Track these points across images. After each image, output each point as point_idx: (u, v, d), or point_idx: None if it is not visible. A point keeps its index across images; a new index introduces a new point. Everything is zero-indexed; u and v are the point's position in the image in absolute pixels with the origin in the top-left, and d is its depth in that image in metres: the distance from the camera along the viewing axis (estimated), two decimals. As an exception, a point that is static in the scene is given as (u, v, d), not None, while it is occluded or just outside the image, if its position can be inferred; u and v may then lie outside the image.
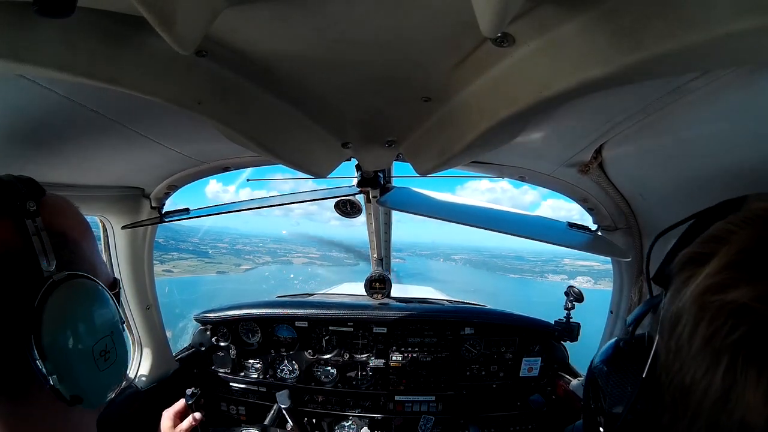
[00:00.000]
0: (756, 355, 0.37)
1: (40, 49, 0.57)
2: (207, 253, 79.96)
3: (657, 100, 0.76)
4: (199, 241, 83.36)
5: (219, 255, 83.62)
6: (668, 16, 0.46)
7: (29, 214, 0.50)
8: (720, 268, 0.42)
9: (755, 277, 0.39)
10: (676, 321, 0.44)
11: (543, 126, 1.00)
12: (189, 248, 74.48)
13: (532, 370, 1.98)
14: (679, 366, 0.43)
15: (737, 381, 0.38)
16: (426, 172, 1.10)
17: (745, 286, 0.39)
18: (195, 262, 70.46)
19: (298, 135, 0.97)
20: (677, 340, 0.44)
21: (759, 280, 0.39)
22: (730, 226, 0.45)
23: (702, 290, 0.42)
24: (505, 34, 0.59)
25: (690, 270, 0.46)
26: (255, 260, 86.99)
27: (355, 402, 2.00)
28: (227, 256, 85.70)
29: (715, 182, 0.90)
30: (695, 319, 0.42)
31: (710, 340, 0.40)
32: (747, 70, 0.62)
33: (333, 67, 0.72)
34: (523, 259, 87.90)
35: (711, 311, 0.41)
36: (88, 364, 0.52)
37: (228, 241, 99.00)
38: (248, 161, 1.47)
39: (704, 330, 0.41)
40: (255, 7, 0.56)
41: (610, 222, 1.42)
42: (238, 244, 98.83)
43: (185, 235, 78.86)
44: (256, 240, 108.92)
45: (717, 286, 0.41)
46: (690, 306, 0.43)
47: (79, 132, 0.97)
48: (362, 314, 1.98)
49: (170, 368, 1.87)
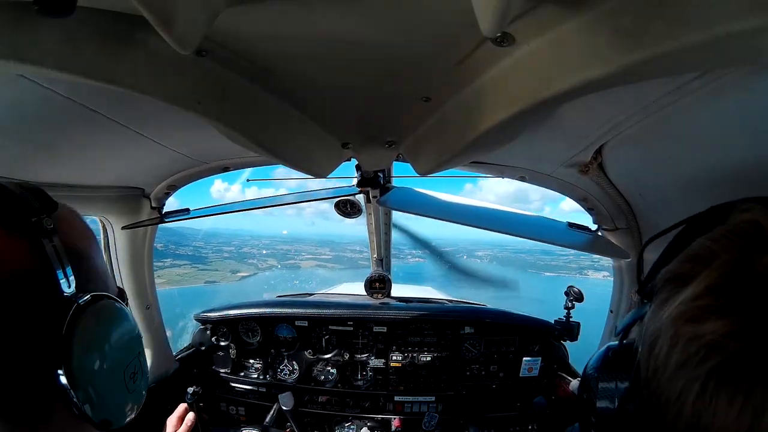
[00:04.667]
0: (725, 386, 0.38)
1: (41, 48, 0.57)
2: (204, 258, 73.83)
3: (657, 100, 0.76)
4: (203, 245, 78.60)
5: (219, 260, 77.59)
6: (668, 16, 0.46)
7: (47, 232, 0.47)
8: (696, 295, 0.43)
9: (728, 311, 0.40)
10: (654, 341, 0.45)
11: (543, 126, 1.00)
12: (188, 253, 68.78)
13: (532, 370, 1.98)
14: (656, 385, 0.44)
15: (707, 408, 0.39)
16: (426, 172, 1.11)
17: (717, 319, 0.40)
18: (188, 269, 64.01)
19: (298, 135, 0.97)
20: (655, 360, 0.45)
21: (731, 314, 0.40)
22: (712, 244, 0.45)
23: (677, 316, 0.43)
24: (505, 33, 0.59)
25: (669, 290, 0.46)
26: (258, 265, 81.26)
27: (355, 402, 2.00)
28: (228, 261, 79.52)
29: (716, 182, 0.90)
30: (670, 343, 0.43)
31: (683, 366, 0.41)
32: (747, 70, 0.62)
33: (333, 67, 0.72)
34: (552, 254, 78.53)
35: (685, 339, 0.42)
36: (119, 388, 0.51)
37: (236, 244, 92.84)
38: (248, 161, 1.47)
39: (678, 356, 0.42)
40: (255, 7, 0.56)
41: (610, 222, 1.42)
42: (246, 246, 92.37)
43: (190, 239, 73.88)
44: (266, 241, 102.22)
45: (691, 315, 0.42)
46: (666, 329, 0.44)
47: (80, 132, 0.97)
48: (362, 314, 1.98)
49: (170, 368, 1.87)
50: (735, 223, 0.46)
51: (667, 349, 0.43)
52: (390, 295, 2.19)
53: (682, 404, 0.41)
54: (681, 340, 0.42)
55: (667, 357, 0.43)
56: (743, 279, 0.41)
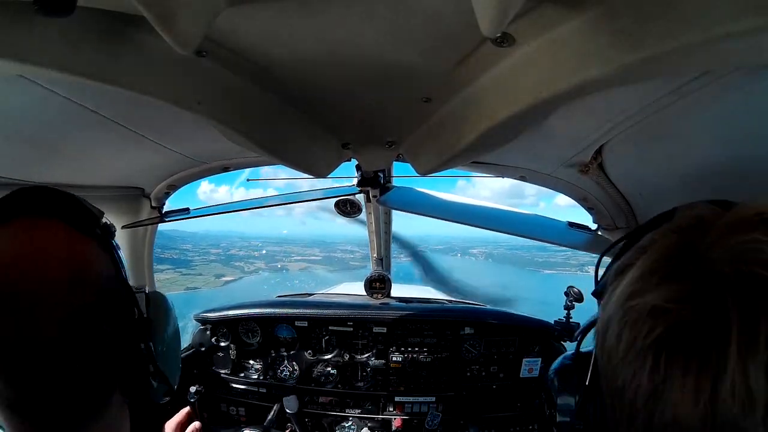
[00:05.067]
0: (676, 354, 0.38)
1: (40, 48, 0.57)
2: (189, 262, 70.68)
3: (657, 100, 0.76)
4: (190, 248, 75.84)
5: (204, 264, 73.77)
6: (668, 16, 0.46)
7: (111, 233, 0.56)
8: (639, 274, 0.43)
9: (671, 280, 0.40)
10: (606, 328, 0.46)
11: (543, 126, 1.00)
12: (173, 257, 66.41)
13: (533, 370, 1.98)
14: (611, 370, 0.44)
15: (664, 381, 0.38)
16: (426, 172, 1.11)
17: (660, 288, 0.40)
18: (170, 274, 61.10)
19: (298, 135, 0.97)
20: (609, 348, 0.45)
21: (674, 282, 0.40)
22: (655, 235, 0.47)
23: (625, 297, 0.44)
24: (505, 34, 0.59)
25: (618, 280, 0.47)
26: (245, 268, 77.41)
27: (356, 402, 2.00)
28: (214, 264, 75.95)
29: (716, 182, 0.90)
30: (619, 324, 0.43)
31: (633, 342, 0.41)
32: (747, 70, 0.62)
33: (333, 67, 0.72)
34: (548, 250, 74.42)
35: (632, 315, 0.42)
36: (176, 363, 0.66)
37: (224, 246, 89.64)
38: (248, 161, 1.46)
39: (628, 334, 0.42)
40: (255, 8, 0.56)
41: (610, 221, 1.42)
42: (234, 248, 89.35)
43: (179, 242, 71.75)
44: (257, 243, 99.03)
45: (636, 291, 0.42)
46: (615, 312, 0.44)
47: (80, 132, 0.97)
48: (362, 314, 1.98)
49: None
50: (679, 216, 0.47)
51: (618, 332, 0.43)
52: (390, 295, 2.19)
53: (638, 385, 0.40)
54: (628, 318, 0.42)
55: (618, 339, 0.43)
56: (685, 256, 0.41)
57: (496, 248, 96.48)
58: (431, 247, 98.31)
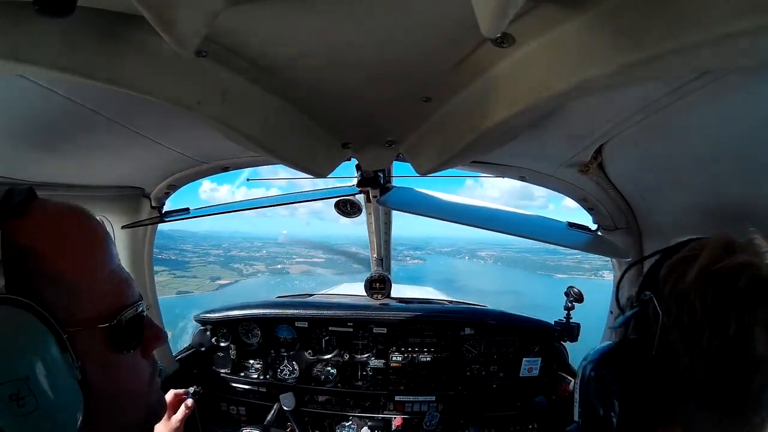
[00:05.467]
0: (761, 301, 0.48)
1: (40, 48, 0.57)
2: (186, 263, 66.76)
3: (657, 100, 0.76)
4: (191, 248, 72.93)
5: (202, 265, 69.76)
6: (668, 16, 0.46)
7: None
8: (714, 249, 0.54)
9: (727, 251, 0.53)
10: (683, 297, 0.53)
11: (543, 126, 1.00)
12: (170, 257, 63.11)
13: (533, 370, 1.98)
14: (692, 327, 0.52)
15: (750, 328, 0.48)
16: (426, 172, 1.11)
17: (741, 252, 0.52)
18: (164, 276, 57.27)
19: (298, 135, 0.97)
20: (689, 310, 0.52)
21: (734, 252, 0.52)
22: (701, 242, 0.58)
23: (701, 270, 0.53)
24: (505, 34, 0.59)
25: (684, 266, 0.56)
26: (244, 270, 73.82)
27: (356, 402, 2.00)
28: (212, 266, 71.77)
29: (715, 182, 0.90)
30: (701, 288, 0.52)
31: (718, 295, 0.50)
32: (747, 70, 0.62)
33: (333, 66, 0.72)
34: (559, 254, 73.59)
35: (714, 275, 0.51)
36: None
37: (226, 247, 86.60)
38: (248, 161, 1.47)
39: (712, 290, 0.51)
40: (255, 8, 0.56)
41: (610, 222, 1.42)
42: (235, 249, 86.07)
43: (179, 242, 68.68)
44: (259, 244, 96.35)
45: (711, 261, 0.52)
46: (691, 284, 0.53)
47: (79, 132, 0.97)
48: (362, 314, 1.98)
49: (170, 369, 1.87)
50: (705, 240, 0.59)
51: (700, 294, 0.51)
52: (390, 296, 2.18)
53: (724, 334, 0.49)
54: (711, 280, 0.51)
55: (702, 299, 0.51)
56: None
57: (505, 251, 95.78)
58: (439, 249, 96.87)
